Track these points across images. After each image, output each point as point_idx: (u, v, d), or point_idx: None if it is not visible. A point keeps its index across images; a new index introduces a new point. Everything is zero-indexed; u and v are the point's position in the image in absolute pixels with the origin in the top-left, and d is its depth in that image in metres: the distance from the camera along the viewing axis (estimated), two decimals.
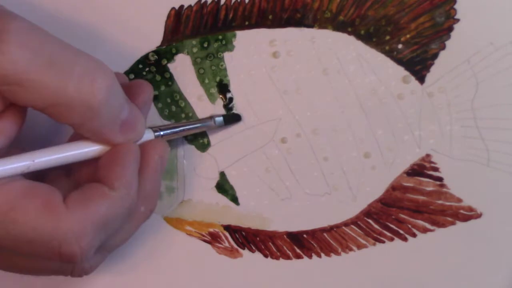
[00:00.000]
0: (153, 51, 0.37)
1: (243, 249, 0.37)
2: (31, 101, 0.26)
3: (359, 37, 0.36)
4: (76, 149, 0.29)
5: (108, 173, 0.29)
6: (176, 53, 0.37)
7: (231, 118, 0.36)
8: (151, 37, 0.37)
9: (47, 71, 0.26)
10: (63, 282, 0.37)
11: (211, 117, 0.36)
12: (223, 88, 0.36)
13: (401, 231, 0.36)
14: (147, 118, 0.36)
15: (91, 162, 0.30)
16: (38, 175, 0.30)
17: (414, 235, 0.36)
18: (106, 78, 0.28)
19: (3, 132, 0.27)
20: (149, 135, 0.32)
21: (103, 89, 0.27)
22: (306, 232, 0.36)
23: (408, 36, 0.36)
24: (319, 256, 0.36)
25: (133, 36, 0.37)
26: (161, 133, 0.33)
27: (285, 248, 0.36)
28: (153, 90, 0.34)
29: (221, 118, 0.36)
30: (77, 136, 0.30)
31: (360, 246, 0.36)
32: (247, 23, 0.37)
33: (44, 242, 0.27)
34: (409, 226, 0.36)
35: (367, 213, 0.36)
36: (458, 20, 0.36)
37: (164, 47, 0.37)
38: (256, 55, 0.37)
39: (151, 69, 0.37)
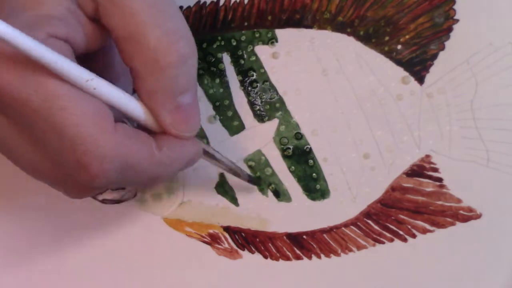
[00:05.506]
0: None
1: (243, 250, 0.36)
2: (113, 23, 0.25)
3: (358, 37, 0.36)
4: (131, 104, 0.27)
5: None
6: None
7: (255, 180, 0.36)
8: None
9: (148, 8, 0.25)
10: (61, 280, 0.37)
11: (246, 173, 0.35)
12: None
13: (401, 232, 0.36)
14: None
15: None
16: None
17: (413, 236, 0.36)
18: (191, 49, 0.27)
19: (87, 35, 0.26)
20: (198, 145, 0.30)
21: (183, 53, 0.26)
22: (306, 233, 0.36)
23: (407, 36, 0.36)
24: (319, 257, 0.36)
25: None
26: (210, 150, 0.32)
27: (284, 249, 0.36)
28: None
29: (247, 176, 0.35)
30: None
31: (359, 247, 0.36)
32: (246, 24, 0.37)
33: (73, 141, 0.25)
34: (409, 227, 0.36)
35: (367, 214, 0.36)
36: (457, 20, 0.36)
37: None
38: (255, 56, 0.37)
39: None
